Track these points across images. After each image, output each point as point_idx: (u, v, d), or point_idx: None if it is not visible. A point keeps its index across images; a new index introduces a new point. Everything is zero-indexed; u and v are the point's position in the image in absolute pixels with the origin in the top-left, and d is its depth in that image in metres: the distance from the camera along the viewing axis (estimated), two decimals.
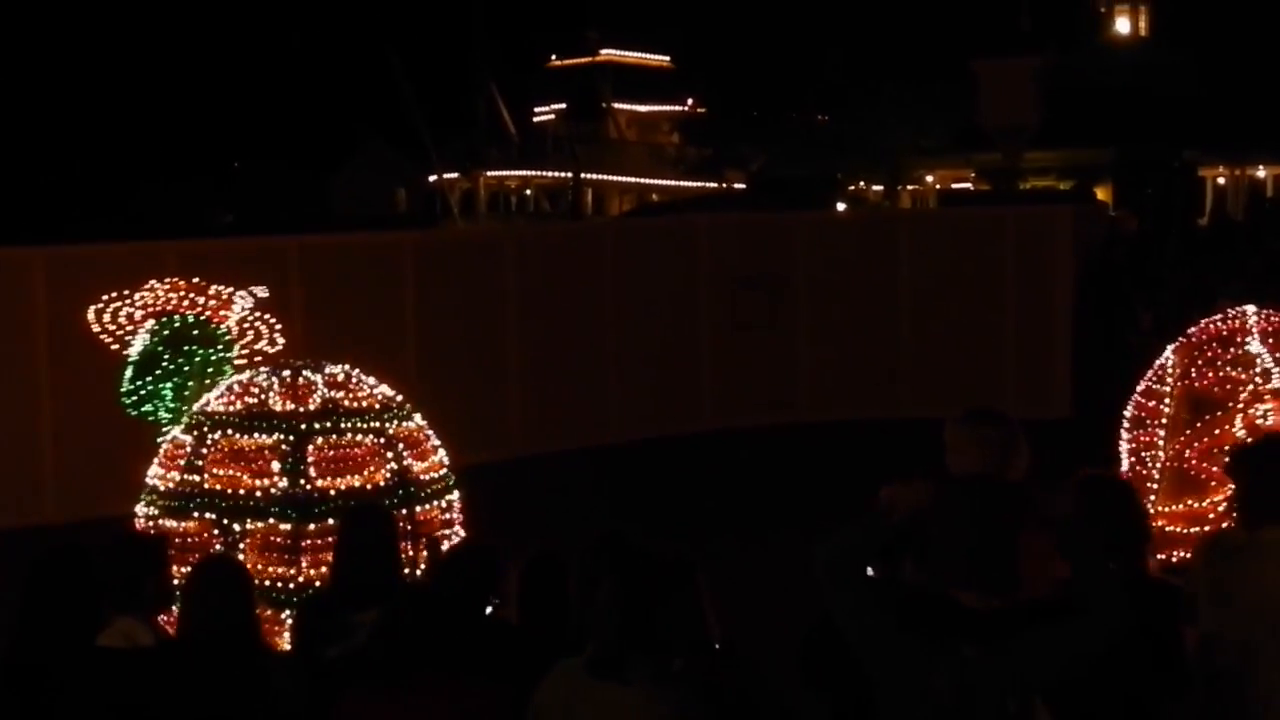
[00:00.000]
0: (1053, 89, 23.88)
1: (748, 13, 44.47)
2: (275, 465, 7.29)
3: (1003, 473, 6.13)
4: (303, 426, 7.41)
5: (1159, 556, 7.15)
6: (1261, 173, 52.11)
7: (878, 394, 17.09)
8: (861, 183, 49.96)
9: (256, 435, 7.38)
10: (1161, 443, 9.40)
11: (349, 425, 7.51)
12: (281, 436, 7.36)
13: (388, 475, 7.43)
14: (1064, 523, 4.49)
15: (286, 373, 7.71)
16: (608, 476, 14.75)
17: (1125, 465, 9.72)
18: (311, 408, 7.51)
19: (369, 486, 7.36)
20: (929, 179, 51.61)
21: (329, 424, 7.48)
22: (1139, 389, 9.79)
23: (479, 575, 5.66)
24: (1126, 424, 9.77)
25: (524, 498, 13.74)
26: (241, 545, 7.11)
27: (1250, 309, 9.62)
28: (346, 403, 7.61)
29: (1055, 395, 16.46)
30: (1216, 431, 8.98)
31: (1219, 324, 9.66)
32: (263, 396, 7.56)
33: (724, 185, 51.17)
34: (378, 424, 7.58)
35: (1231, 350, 9.77)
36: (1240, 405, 9.06)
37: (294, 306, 14.45)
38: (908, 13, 42.98)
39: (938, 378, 16.90)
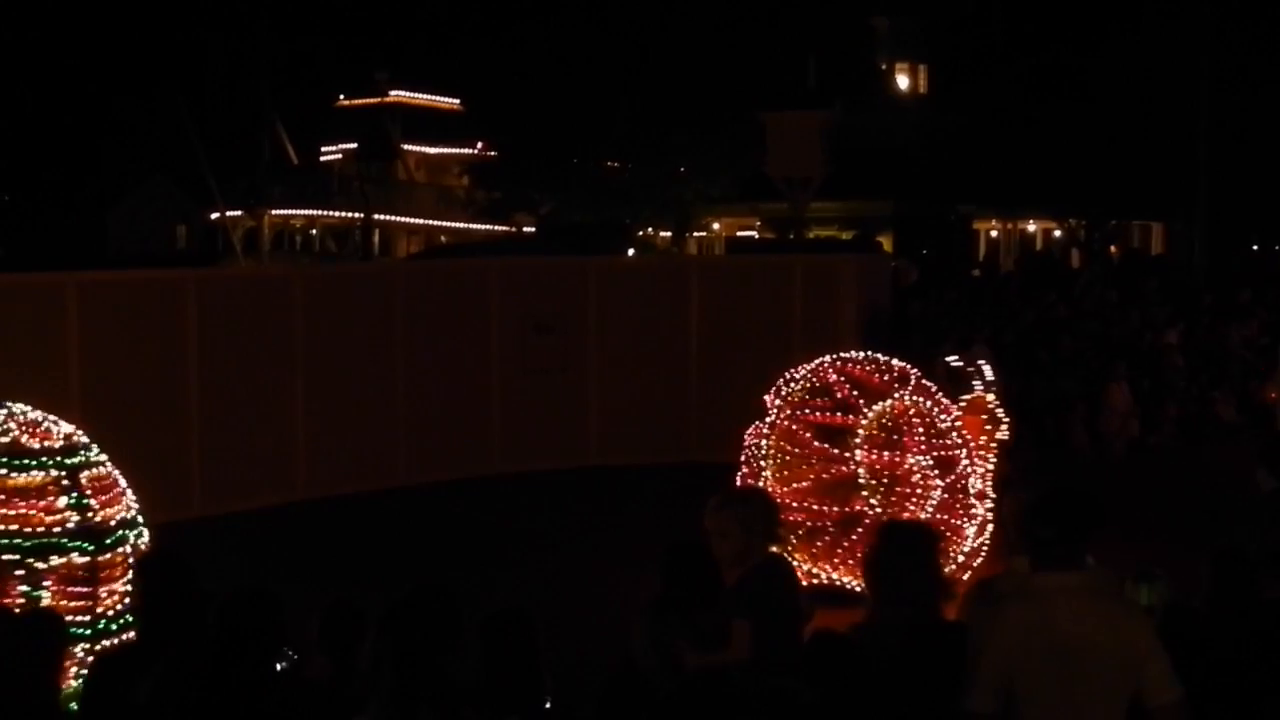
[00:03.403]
0: (837, 142, 24.52)
1: (538, 58, 44.60)
2: (62, 500, 7.11)
3: (766, 545, 6.38)
4: (69, 460, 7.27)
5: None
6: (1031, 226, 54.24)
7: (668, 438, 17.21)
8: (650, 229, 50.44)
9: (30, 473, 7.16)
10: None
11: (96, 459, 7.47)
12: (57, 472, 7.19)
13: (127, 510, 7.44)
14: None
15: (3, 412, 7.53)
16: (401, 520, 14.55)
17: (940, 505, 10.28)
18: (58, 444, 7.38)
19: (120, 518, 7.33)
20: (715, 226, 52.38)
21: (88, 457, 7.40)
22: (920, 437, 10.44)
23: (257, 627, 5.36)
24: (935, 471, 10.36)
25: (313, 542, 13.48)
26: (45, 583, 6.92)
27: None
28: (75, 439, 7.54)
29: None
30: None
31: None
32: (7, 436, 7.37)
33: (513, 229, 51.13)
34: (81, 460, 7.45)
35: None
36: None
37: (70, 345, 13.97)
38: (698, 64, 43.59)
39: (725, 422, 17.04)
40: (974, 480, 10.76)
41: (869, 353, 11.40)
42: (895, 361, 11.29)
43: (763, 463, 11.00)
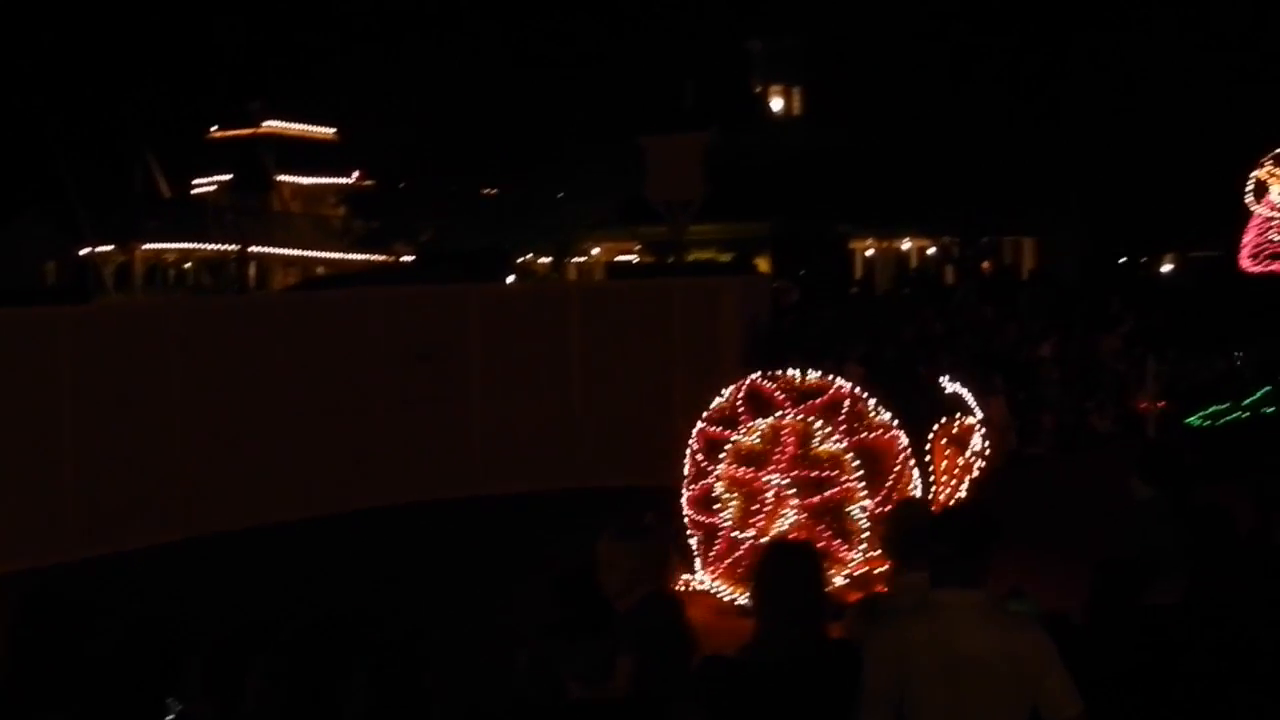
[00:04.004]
0: (715, 165, 24.71)
1: (414, 85, 44.45)
2: None
3: (654, 582, 6.29)
4: None
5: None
6: (906, 244, 55.00)
7: (553, 464, 17.17)
8: (530, 255, 50.40)
9: None
10: (864, 494, 10.42)
11: None
12: None
13: None
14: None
15: None
16: (286, 554, 14.34)
17: (795, 525, 10.45)
18: None
19: None
20: (595, 251, 52.48)
21: None
22: (784, 454, 10.63)
23: (152, 668, 5.21)
24: (791, 489, 10.57)
25: (196, 580, 13.23)
26: None
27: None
28: None
29: None
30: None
31: (839, 389, 11.04)
32: None
33: (392, 258, 50.85)
34: None
35: (864, 406, 10.99)
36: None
37: None
38: (575, 89, 43.74)
39: (610, 447, 17.11)
40: (861, 504, 10.76)
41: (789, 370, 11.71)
42: (835, 380, 11.50)
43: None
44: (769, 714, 5.04)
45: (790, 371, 11.64)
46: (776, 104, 55.73)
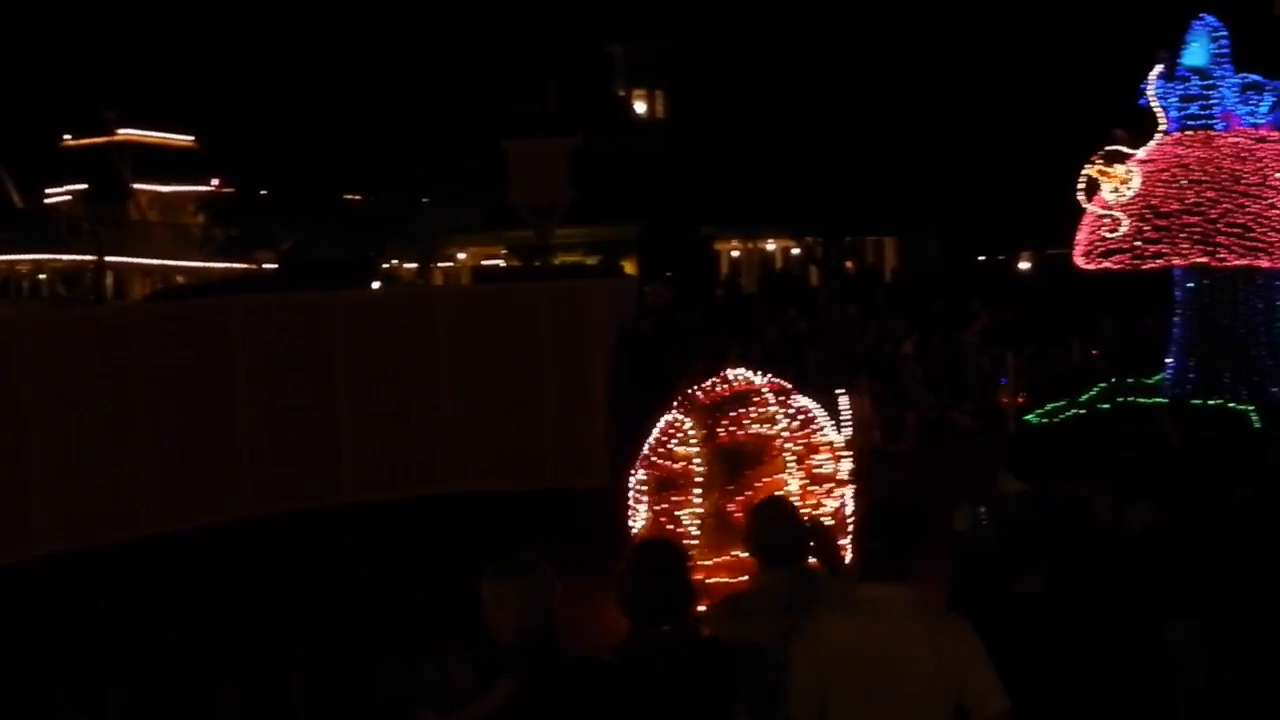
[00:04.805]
0: (580, 169, 24.81)
1: (274, 92, 43.98)
2: None
3: (545, 617, 6.14)
4: None
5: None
6: (771, 245, 55.55)
7: (421, 470, 17.06)
8: (395, 261, 50.06)
9: None
10: (699, 499, 10.21)
11: None
12: None
13: None
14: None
15: None
16: (152, 570, 14.08)
17: (645, 525, 10.39)
18: None
19: None
20: (461, 256, 52.27)
21: None
22: (651, 453, 10.56)
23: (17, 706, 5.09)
24: (644, 487, 10.47)
25: (56, 598, 12.96)
26: None
27: (746, 373, 10.99)
28: None
29: (593, 465, 16.79)
30: (760, 483, 10.10)
31: (725, 386, 10.83)
32: None
33: (254, 266, 50.23)
34: None
35: (752, 409, 10.79)
36: (785, 457, 10.19)
37: None
38: (438, 93, 43.56)
39: (479, 453, 17.05)
40: (694, 510, 10.59)
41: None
42: (754, 378, 11.27)
43: None
44: (641, 712, 5.05)
45: (741, 373, 11.28)
46: (640, 108, 55.94)
